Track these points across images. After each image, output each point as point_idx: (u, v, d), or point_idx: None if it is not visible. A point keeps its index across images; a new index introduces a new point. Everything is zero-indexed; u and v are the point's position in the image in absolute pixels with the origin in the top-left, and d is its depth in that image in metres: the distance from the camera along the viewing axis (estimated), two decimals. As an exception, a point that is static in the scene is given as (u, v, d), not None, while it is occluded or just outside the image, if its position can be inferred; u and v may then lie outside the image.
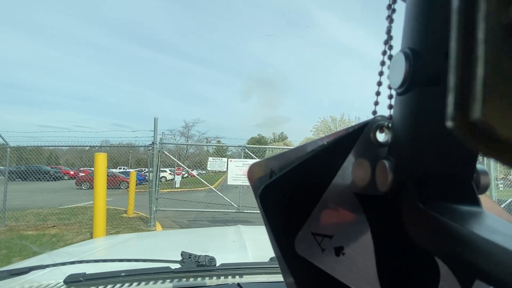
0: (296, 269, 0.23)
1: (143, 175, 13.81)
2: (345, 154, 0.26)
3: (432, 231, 0.18)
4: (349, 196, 0.24)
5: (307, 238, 0.23)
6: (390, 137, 0.25)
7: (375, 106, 0.28)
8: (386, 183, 0.22)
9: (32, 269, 0.78)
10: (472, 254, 0.15)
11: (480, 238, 0.14)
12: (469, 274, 0.22)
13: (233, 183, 5.62)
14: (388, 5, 0.26)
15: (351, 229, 0.24)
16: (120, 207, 7.37)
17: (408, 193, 0.21)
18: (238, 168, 5.64)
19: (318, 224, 0.23)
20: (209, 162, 6.10)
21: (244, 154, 6.03)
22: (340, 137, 0.26)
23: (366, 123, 0.26)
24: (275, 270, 0.82)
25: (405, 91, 0.25)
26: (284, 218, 0.24)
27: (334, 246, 0.23)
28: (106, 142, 10.02)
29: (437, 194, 0.20)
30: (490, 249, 0.14)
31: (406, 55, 0.24)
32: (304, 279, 0.23)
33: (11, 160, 6.26)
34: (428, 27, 0.24)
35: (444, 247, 0.17)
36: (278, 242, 0.23)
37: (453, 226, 0.16)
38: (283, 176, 0.24)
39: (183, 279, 0.78)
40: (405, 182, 0.21)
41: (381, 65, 0.27)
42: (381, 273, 0.23)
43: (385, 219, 0.24)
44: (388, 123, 0.25)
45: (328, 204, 0.24)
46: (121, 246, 1.29)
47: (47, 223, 5.78)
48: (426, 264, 0.22)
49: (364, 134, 0.26)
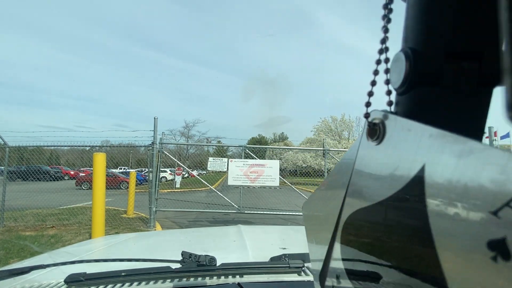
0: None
1: (143, 175, 13.81)
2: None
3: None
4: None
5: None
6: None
7: (367, 108, 0.28)
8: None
9: (32, 269, 0.78)
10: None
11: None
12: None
13: (233, 183, 5.61)
14: (384, 5, 0.27)
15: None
16: (120, 207, 7.37)
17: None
18: (239, 168, 5.62)
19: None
20: (210, 162, 6.09)
21: (245, 154, 6.03)
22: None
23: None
24: (275, 270, 0.82)
25: (405, 90, 0.25)
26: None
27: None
28: (106, 142, 10.02)
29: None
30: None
31: (407, 55, 0.24)
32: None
33: (12, 160, 6.26)
34: (428, 27, 0.24)
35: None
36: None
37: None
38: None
39: (184, 279, 0.78)
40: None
41: (377, 64, 0.27)
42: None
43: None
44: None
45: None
46: (122, 245, 1.29)
47: (46, 223, 5.77)
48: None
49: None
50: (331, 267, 0.31)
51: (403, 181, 0.21)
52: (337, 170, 0.32)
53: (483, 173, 0.15)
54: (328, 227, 0.31)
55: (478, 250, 0.14)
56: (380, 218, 0.24)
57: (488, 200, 0.14)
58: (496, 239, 0.14)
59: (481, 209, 0.15)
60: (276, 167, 5.70)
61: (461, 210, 0.16)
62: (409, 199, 0.20)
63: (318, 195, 0.37)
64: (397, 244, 0.22)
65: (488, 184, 0.15)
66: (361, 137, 0.28)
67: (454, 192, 0.17)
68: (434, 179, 0.18)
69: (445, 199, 0.17)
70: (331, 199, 0.32)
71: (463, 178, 0.16)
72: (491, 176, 0.14)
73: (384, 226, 0.23)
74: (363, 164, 0.27)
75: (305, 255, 0.87)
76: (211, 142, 20.46)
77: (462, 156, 0.16)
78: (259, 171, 5.62)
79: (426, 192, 0.19)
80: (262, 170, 5.63)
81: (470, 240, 0.15)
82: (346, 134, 31.52)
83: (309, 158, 24.63)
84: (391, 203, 0.22)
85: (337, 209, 0.30)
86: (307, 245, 0.38)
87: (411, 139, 0.21)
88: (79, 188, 12.68)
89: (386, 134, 0.24)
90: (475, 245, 0.15)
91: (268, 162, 5.82)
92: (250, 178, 5.61)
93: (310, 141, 29.55)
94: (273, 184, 5.65)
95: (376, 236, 0.24)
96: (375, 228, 0.24)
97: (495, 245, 0.14)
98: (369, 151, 0.26)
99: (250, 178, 5.61)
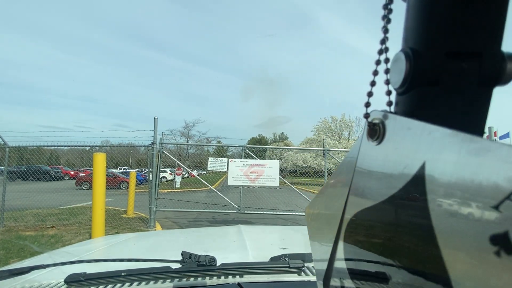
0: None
1: (143, 175, 13.81)
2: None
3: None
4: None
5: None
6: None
7: (367, 108, 0.28)
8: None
9: (32, 269, 0.78)
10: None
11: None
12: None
13: (233, 184, 5.61)
14: (384, 5, 0.27)
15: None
16: (120, 207, 7.37)
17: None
18: (239, 168, 5.62)
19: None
20: (210, 162, 6.09)
21: (245, 154, 6.03)
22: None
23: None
24: (275, 270, 0.82)
25: (405, 91, 0.25)
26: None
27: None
28: (106, 142, 10.01)
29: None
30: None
31: (407, 55, 0.24)
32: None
33: (12, 160, 6.25)
34: (429, 27, 0.24)
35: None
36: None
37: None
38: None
39: (184, 279, 0.78)
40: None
41: (376, 64, 0.27)
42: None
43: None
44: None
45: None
46: (122, 245, 1.29)
47: (46, 223, 5.77)
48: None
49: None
50: (335, 266, 0.31)
51: (405, 179, 0.21)
52: (339, 171, 0.32)
53: (485, 169, 0.15)
54: (331, 226, 0.31)
55: (481, 246, 0.14)
56: (382, 217, 0.24)
57: (491, 196, 0.14)
58: (499, 234, 0.14)
59: (483, 205, 0.15)
60: (276, 167, 5.70)
61: (463, 206, 0.16)
62: (411, 197, 0.21)
63: (321, 196, 0.37)
64: (400, 242, 0.22)
65: (491, 181, 0.15)
66: (361, 138, 0.28)
67: (455, 188, 0.17)
68: (434, 176, 0.18)
69: (446, 196, 0.17)
70: (334, 199, 0.32)
71: (464, 175, 0.16)
72: (493, 173, 0.15)
73: (386, 225, 0.23)
74: (364, 164, 0.27)
75: (305, 255, 0.87)
76: (211, 142, 20.48)
77: (463, 153, 0.16)
78: (259, 171, 5.62)
79: (427, 190, 0.19)
80: (262, 170, 5.62)
81: (472, 235, 0.15)
82: (346, 134, 31.51)
83: (309, 158, 24.62)
84: (393, 201, 0.22)
85: (340, 209, 0.30)
86: (310, 244, 0.38)
87: (411, 138, 0.21)
88: (79, 188, 12.68)
89: (386, 134, 0.24)
90: (478, 241, 0.15)
91: (268, 162, 5.82)
92: (250, 178, 5.61)
93: (310, 141, 29.54)
94: (273, 184, 5.65)
95: (379, 235, 0.24)
96: (378, 227, 0.24)
97: (497, 239, 0.14)
98: (370, 151, 0.26)
99: (250, 178, 5.61)
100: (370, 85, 0.28)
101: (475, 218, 0.15)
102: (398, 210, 0.22)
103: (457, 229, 0.16)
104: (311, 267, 0.83)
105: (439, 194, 0.18)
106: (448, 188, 0.17)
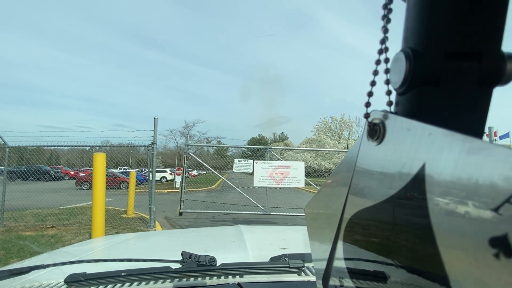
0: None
1: (143, 175, 13.80)
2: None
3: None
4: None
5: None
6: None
7: (367, 108, 0.28)
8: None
9: (32, 269, 0.78)
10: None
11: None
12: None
13: (258, 185, 5.58)
14: (384, 5, 0.27)
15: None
16: (120, 207, 7.36)
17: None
18: (264, 170, 5.56)
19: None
20: (235, 164, 6.02)
21: (245, 154, 6.02)
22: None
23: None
24: (275, 270, 0.82)
25: (405, 90, 0.25)
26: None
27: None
28: (106, 142, 10.01)
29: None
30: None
31: (407, 55, 0.24)
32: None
33: (12, 160, 6.25)
34: (428, 27, 0.24)
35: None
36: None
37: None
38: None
39: (184, 279, 0.78)
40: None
41: (376, 64, 0.27)
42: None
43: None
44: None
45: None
46: (122, 245, 1.29)
47: (46, 223, 5.77)
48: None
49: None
50: (334, 266, 0.31)
51: (404, 179, 0.21)
52: (339, 170, 0.32)
53: (484, 170, 0.15)
54: (331, 226, 0.31)
55: (480, 246, 0.14)
56: (382, 217, 0.24)
57: (490, 196, 0.14)
58: (498, 236, 0.14)
59: (483, 206, 0.15)
60: (301, 168, 5.65)
61: (462, 207, 0.16)
62: (410, 197, 0.21)
63: (321, 195, 0.37)
64: (399, 242, 0.22)
65: (490, 181, 0.15)
66: (361, 138, 0.28)
67: (455, 189, 0.17)
68: (434, 177, 0.18)
69: (445, 196, 0.17)
70: (334, 199, 0.32)
71: (464, 176, 0.16)
72: (492, 173, 0.15)
73: (386, 225, 0.23)
74: (364, 164, 0.27)
75: (305, 255, 0.87)
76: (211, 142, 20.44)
77: (462, 154, 0.16)
78: (284, 172, 5.58)
79: (427, 190, 0.19)
80: (288, 172, 5.58)
81: (471, 235, 0.15)
82: (346, 134, 31.51)
83: (309, 158, 24.62)
84: (393, 201, 0.22)
85: (340, 208, 0.30)
86: (310, 244, 0.38)
87: (411, 138, 0.21)
88: (79, 188, 12.68)
89: (386, 134, 0.24)
90: (477, 241, 0.15)
91: (293, 163, 5.79)
92: (275, 180, 5.57)
93: (310, 141, 29.55)
94: (298, 185, 5.62)
95: (378, 234, 0.24)
96: (377, 226, 0.24)
97: (497, 242, 0.14)
98: (370, 151, 0.26)
99: (276, 179, 5.57)
100: (370, 85, 0.27)
101: (474, 219, 0.15)
102: (398, 210, 0.22)
103: (456, 229, 0.16)
104: (311, 267, 0.83)
105: (438, 195, 0.18)
106: (447, 189, 0.17)
